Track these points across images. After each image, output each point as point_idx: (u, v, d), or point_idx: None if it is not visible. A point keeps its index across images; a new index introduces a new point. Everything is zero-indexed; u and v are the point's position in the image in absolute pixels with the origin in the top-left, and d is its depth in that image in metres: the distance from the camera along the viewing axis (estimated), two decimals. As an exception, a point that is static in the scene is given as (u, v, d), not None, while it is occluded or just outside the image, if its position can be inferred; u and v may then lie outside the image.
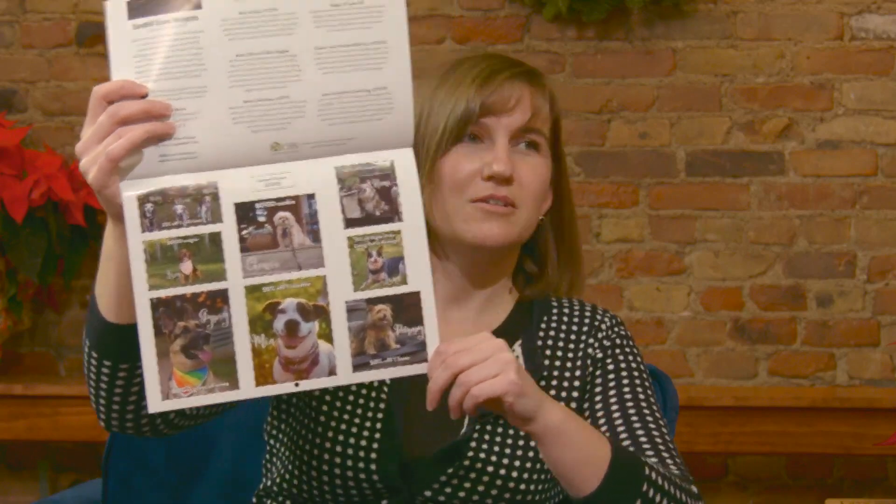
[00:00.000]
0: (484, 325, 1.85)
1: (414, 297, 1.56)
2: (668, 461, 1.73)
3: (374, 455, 1.76)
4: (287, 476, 1.82)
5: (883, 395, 3.57)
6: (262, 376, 1.52)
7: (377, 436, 1.76)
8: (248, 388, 1.52)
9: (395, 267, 1.56)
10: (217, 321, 1.52)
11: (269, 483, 1.86)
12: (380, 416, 1.77)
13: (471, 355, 1.55)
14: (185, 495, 2.07)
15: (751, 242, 3.73)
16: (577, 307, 1.89)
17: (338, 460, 1.76)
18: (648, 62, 3.74)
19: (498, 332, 1.83)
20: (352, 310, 1.55)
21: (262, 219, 1.53)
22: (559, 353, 1.84)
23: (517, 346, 1.84)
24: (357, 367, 1.54)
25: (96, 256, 4.27)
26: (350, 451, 1.77)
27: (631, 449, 1.73)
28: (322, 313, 1.54)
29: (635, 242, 3.76)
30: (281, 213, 1.54)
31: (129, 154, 1.49)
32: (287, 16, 1.52)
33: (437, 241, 1.81)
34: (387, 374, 1.56)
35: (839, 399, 3.52)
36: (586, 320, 1.87)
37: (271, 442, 1.87)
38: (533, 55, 3.75)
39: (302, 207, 1.54)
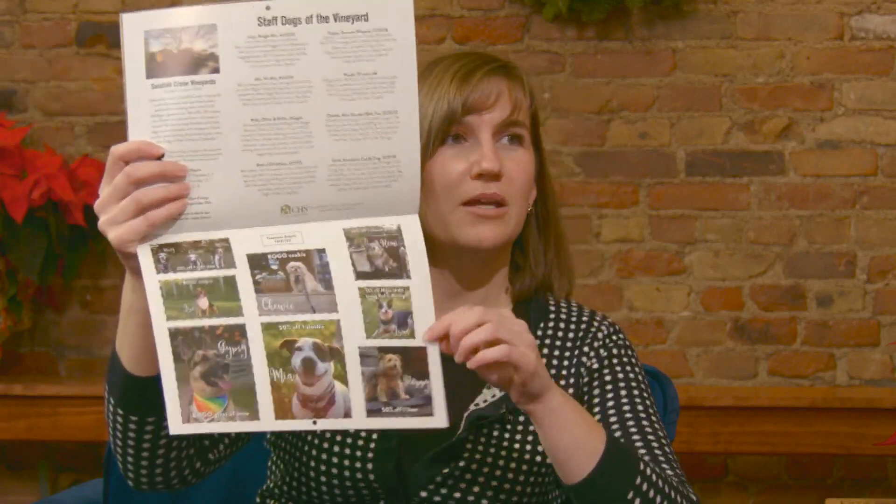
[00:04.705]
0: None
1: (421, 352, 1.58)
2: (668, 471, 1.73)
3: (371, 455, 1.76)
4: (287, 479, 1.82)
5: (883, 395, 3.57)
6: (282, 410, 1.55)
7: (374, 437, 1.77)
8: (268, 421, 1.55)
9: (403, 320, 1.58)
10: (235, 353, 1.54)
11: (271, 485, 1.87)
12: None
13: (498, 314, 1.57)
14: (187, 495, 2.07)
15: (751, 242, 3.73)
16: (574, 312, 1.88)
17: (335, 461, 1.77)
18: (648, 62, 3.74)
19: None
20: (364, 356, 1.57)
21: (274, 267, 1.56)
22: (554, 362, 1.84)
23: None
24: (371, 412, 1.57)
25: (96, 256, 4.26)
26: (347, 452, 1.77)
27: None
28: (337, 355, 1.56)
29: (635, 242, 3.76)
30: (293, 263, 1.56)
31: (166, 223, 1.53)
32: (301, 83, 1.54)
33: (432, 243, 1.81)
34: (397, 423, 1.58)
35: (839, 399, 3.52)
36: (583, 326, 1.86)
37: (272, 448, 1.87)
38: (533, 55, 3.75)
39: (313, 259, 1.57)
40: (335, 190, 1.57)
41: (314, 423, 1.56)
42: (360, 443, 1.76)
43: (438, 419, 1.59)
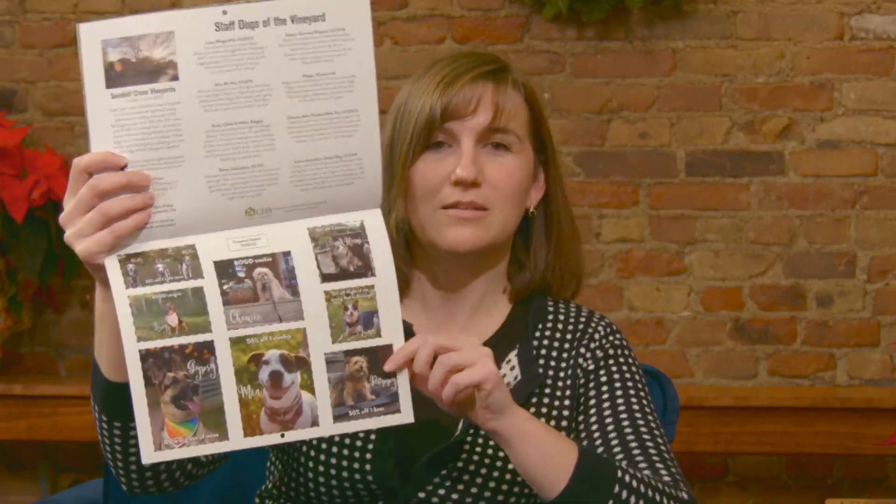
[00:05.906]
0: (478, 331, 1.85)
1: (387, 350, 1.61)
2: (662, 471, 1.73)
3: (369, 456, 1.76)
4: (286, 479, 1.82)
5: (883, 395, 3.57)
6: (250, 427, 1.56)
7: (372, 437, 1.76)
8: (237, 439, 1.56)
9: (369, 320, 1.60)
10: (205, 372, 1.55)
11: (269, 486, 1.87)
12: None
13: (451, 339, 1.60)
14: (187, 496, 2.07)
15: (751, 242, 3.73)
16: (572, 313, 1.88)
17: (334, 461, 1.77)
18: (648, 62, 3.74)
19: (493, 340, 1.84)
20: (330, 361, 1.59)
21: (241, 274, 1.57)
22: (552, 363, 1.84)
23: (513, 356, 1.83)
24: (337, 418, 1.59)
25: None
26: (346, 453, 1.77)
27: (624, 462, 1.73)
28: (304, 364, 1.58)
29: (635, 242, 3.76)
30: (259, 269, 1.58)
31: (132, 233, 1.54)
32: (261, 87, 1.55)
33: (419, 248, 1.82)
34: (365, 424, 1.60)
35: (839, 399, 3.52)
36: (580, 327, 1.86)
37: (270, 449, 1.87)
38: (533, 55, 3.75)
39: (279, 264, 1.58)
40: (298, 190, 1.58)
41: (282, 435, 1.57)
42: (359, 443, 1.76)
43: (405, 415, 1.62)
